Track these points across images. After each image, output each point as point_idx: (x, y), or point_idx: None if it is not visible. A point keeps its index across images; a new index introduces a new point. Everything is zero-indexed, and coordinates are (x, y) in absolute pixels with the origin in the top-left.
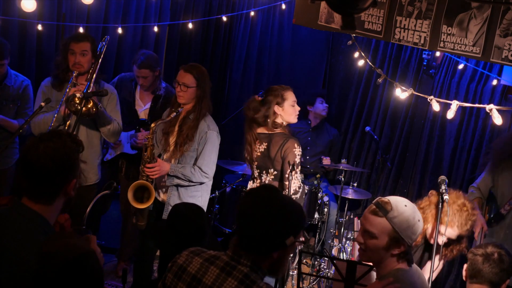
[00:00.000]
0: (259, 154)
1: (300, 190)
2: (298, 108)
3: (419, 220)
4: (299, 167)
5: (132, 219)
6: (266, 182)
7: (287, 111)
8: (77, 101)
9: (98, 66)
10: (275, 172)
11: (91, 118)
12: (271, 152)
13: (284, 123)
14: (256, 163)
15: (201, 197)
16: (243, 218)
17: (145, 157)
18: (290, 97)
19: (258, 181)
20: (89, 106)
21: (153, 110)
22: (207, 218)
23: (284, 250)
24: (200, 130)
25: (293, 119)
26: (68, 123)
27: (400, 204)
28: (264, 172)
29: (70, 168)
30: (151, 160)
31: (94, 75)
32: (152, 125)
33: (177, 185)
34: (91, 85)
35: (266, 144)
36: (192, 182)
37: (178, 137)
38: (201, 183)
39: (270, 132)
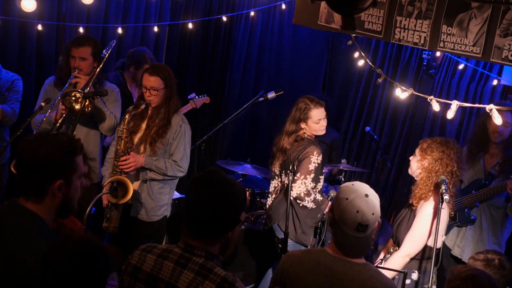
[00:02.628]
0: (285, 152)
1: (310, 199)
2: (324, 124)
3: (346, 199)
4: (312, 174)
5: (103, 223)
6: (285, 182)
7: (312, 127)
8: (73, 98)
9: (98, 69)
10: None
11: (85, 116)
12: (291, 155)
13: (310, 135)
14: (281, 158)
15: (168, 194)
16: (194, 205)
17: (119, 150)
18: (315, 116)
19: (279, 179)
20: (85, 104)
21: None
22: None
23: (236, 227)
24: (174, 124)
25: (319, 133)
26: (56, 126)
27: (351, 182)
28: (283, 172)
29: (52, 167)
30: (125, 153)
31: (93, 77)
32: (126, 116)
33: (150, 179)
34: (89, 85)
35: (290, 147)
36: (167, 175)
37: (146, 135)
38: (175, 177)
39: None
